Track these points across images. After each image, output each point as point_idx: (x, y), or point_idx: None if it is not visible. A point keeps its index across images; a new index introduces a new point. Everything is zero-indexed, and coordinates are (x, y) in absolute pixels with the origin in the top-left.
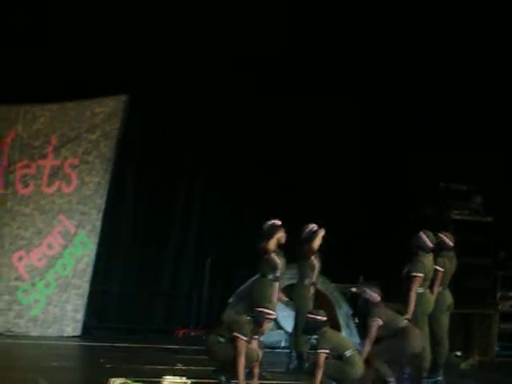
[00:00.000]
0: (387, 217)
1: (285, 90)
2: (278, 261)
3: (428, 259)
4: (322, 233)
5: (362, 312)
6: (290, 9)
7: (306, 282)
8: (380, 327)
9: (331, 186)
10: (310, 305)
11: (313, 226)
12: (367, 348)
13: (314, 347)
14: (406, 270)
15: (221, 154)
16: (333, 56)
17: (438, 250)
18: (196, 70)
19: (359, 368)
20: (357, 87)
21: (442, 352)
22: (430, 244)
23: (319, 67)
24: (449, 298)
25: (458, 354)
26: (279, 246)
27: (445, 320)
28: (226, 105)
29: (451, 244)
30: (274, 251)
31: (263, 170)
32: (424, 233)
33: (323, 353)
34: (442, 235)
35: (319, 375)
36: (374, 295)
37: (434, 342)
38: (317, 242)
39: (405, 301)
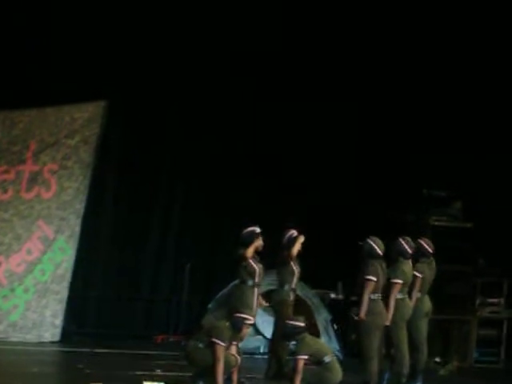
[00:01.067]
0: (367, 222)
1: (275, 92)
2: (256, 267)
3: (407, 265)
4: (301, 239)
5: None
6: (288, 8)
7: (286, 287)
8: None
9: (312, 190)
10: (290, 311)
11: (292, 232)
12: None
13: (293, 353)
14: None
15: (199, 158)
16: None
17: (417, 256)
18: (176, 73)
19: (338, 374)
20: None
21: (420, 358)
22: (409, 250)
23: (316, 69)
24: (428, 304)
25: (437, 360)
26: (257, 252)
27: (424, 326)
28: (204, 107)
29: (430, 250)
30: (251, 258)
31: (244, 174)
32: (403, 239)
33: (302, 359)
34: (421, 241)
35: (298, 381)
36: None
37: (413, 348)
38: (296, 248)
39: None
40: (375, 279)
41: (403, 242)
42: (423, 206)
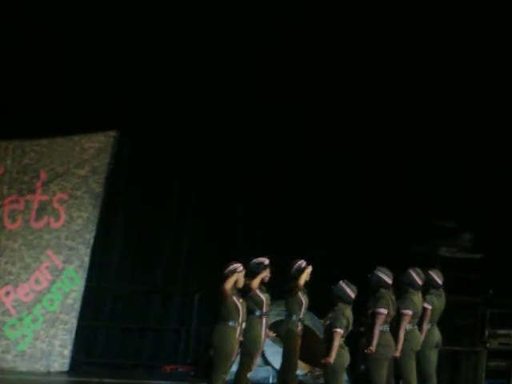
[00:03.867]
0: (375, 253)
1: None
2: (263, 297)
3: (417, 296)
4: (309, 269)
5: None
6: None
7: (294, 318)
8: None
9: (321, 221)
10: (298, 341)
11: (301, 262)
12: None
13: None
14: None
15: (210, 190)
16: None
17: (427, 287)
18: (187, 107)
19: None
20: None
21: None
22: (419, 281)
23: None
24: (437, 335)
25: None
26: (263, 283)
27: (433, 357)
28: (214, 134)
29: (440, 282)
30: (257, 288)
31: (253, 205)
32: (413, 270)
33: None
34: (431, 272)
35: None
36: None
37: (422, 379)
38: (304, 279)
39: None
40: (386, 311)
41: (413, 273)
42: (432, 236)
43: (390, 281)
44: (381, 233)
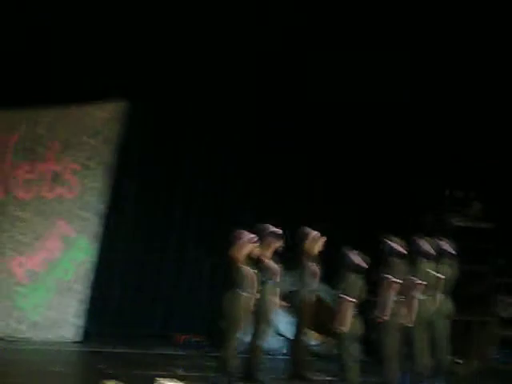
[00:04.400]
0: (388, 223)
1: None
2: (276, 267)
3: (429, 266)
4: (322, 240)
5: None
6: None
7: (307, 288)
8: None
9: (333, 191)
10: (311, 311)
11: (314, 233)
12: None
13: (315, 354)
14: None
15: (222, 156)
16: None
17: (440, 257)
18: (197, 75)
19: None
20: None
21: (442, 358)
22: (431, 251)
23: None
24: (449, 305)
25: (458, 360)
26: (275, 252)
27: (445, 327)
28: (226, 109)
29: (452, 251)
30: (270, 258)
31: (264, 173)
32: (425, 240)
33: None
34: (442, 242)
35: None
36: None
37: (435, 348)
38: (317, 249)
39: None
40: (398, 280)
41: (426, 243)
42: (444, 206)
43: (402, 250)
44: (393, 203)
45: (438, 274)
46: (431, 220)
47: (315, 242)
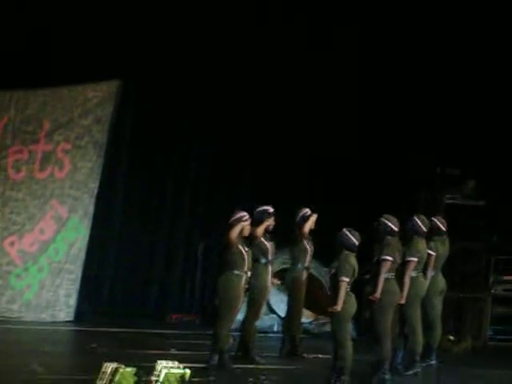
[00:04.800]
0: (381, 200)
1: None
2: (268, 245)
3: (422, 243)
4: (314, 217)
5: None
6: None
7: (299, 266)
8: None
9: (327, 170)
10: (303, 289)
11: (306, 211)
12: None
13: (307, 332)
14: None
15: (215, 138)
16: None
17: (431, 234)
18: (190, 54)
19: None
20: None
21: (435, 336)
22: (423, 228)
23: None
24: (442, 282)
25: (451, 338)
26: (267, 231)
27: (438, 304)
28: (221, 89)
29: (444, 228)
30: (262, 236)
31: (258, 153)
32: (418, 217)
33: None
34: (434, 219)
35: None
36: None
37: (427, 325)
38: (309, 227)
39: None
40: (392, 259)
41: (418, 220)
42: (436, 184)
43: (396, 228)
44: (386, 180)
45: (430, 251)
46: (424, 198)
47: (307, 219)
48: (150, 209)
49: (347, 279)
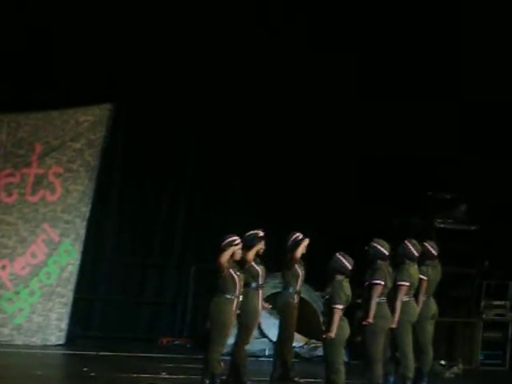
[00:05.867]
0: (372, 225)
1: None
2: (259, 269)
3: (413, 268)
4: (306, 242)
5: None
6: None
7: (290, 290)
8: None
9: (318, 195)
10: (294, 313)
11: (297, 235)
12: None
13: (298, 355)
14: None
15: (207, 161)
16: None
17: (423, 258)
18: (181, 77)
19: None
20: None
21: (426, 360)
22: (415, 253)
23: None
24: (433, 307)
25: (443, 362)
26: (258, 255)
27: (429, 328)
28: (209, 112)
29: (435, 253)
30: (252, 260)
31: (250, 179)
32: (409, 241)
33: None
34: (426, 244)
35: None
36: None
37: (419, 350)
38: (300, 251)
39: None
40: (383, 283)
41: (409, 245)
42: (428, 208)
43: (387, 252)
44: (377, 205)
45: (422, 276)
46: (415, 222)
47: (299, 243)
48: (142, 232)
49: (341, 306)
